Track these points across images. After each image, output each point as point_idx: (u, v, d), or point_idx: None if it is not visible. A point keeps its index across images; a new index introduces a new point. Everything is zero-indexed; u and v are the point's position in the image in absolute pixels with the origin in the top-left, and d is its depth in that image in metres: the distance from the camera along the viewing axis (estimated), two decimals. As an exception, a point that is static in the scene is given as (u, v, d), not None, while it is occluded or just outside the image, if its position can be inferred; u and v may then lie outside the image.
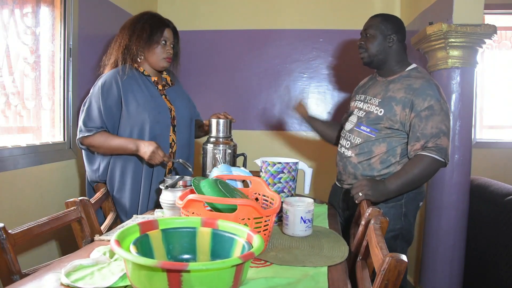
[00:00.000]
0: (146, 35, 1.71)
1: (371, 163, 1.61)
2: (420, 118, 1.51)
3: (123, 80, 1.69)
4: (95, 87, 1.70)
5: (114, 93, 1.67)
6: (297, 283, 0.94)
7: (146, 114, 1.68)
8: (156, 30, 1.73)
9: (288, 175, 1.48)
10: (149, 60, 1.76)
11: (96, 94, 1.67)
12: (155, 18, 1.77)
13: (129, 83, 1.70)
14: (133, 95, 1.69)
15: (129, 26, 1.75)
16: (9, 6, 1.67)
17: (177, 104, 1.82)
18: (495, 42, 3.04)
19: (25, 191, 1.70)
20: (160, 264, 0.70)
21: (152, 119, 1.69)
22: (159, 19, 1.77)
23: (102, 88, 1.67)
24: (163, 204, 1.42)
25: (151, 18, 1.76)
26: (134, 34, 1.72)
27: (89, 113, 1.67)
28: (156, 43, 1.73)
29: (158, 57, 1.75)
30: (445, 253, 2.06)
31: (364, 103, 1.69)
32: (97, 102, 1.66)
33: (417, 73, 1.61)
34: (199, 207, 1.09)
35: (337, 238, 1.31)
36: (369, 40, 1.64)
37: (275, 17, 2.92)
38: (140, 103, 1.69)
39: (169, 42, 1.77)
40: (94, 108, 1.67)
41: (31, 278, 0.92)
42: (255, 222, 1.07)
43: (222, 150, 1.69)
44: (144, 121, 1.68)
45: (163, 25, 1.76)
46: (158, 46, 1.74)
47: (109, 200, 1.74)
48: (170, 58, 1.78)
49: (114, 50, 1.76)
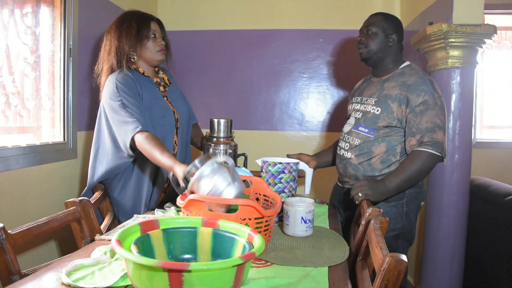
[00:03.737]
0: (134, 32, 1.69)
1: (372, 163, 1.61)
2: (415, 113, 1.52)
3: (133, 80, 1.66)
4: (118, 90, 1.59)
5: (135, 88, 1.63)
6: (297, 283, 0.94)
7: (154, 117, 1.66)
8: (143, 25, 1.71)
9: (289, 175, 1.48)
10: (144, 56, 1.73)
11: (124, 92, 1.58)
12: (138, 14, 1.75)
13: (138, 84, 1.67)
14: (142, 97, 1.67)
15: (114, 29, 1.72)
16: (9, 6, 1.67)
17: (178, 106, 1.81)
18: (495, 42, 3.04)
19: (25, 191, 1.70)
20: (161, 264, 0.70)
21: (157, 122, 1.68)
22: (142, 15, 1.75)
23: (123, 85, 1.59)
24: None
25: (134, 16, 1.74)
26: (123, 35, 1.69)
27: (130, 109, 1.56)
28: (146, 37, 1.71)
29: (152, 51, 1.73)
30: (445, 253, 2.06)
31: (360, 104, 1.70)
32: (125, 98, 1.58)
33: (411, 70, 1.62)
34: (199, 207, 1.09)
35: (337, 238, 1.31)
36: (371, 37, 1.65)
37: (275, 17, 2.92)
38: (148, 105, 1.67)
39: (158, 34, 1.75)
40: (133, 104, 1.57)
41: (31, 278, 0.92)
42: (255, 222, 1.07)
43: (223, 150, 1.69)
44: (152, 124, 1.64)
45: (148, 19, 1.74)
46: (149, 41, 1.72)
47: (107, 201, 1.73)
48: (164, 50, 1.76)
49: (105, 56, 1.71)
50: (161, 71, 1.85)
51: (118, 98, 1.59)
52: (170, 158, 1.42)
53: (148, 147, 1.47)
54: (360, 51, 1.68)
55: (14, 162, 1.63)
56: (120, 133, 1.57)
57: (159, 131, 1.67)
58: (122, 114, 1.56)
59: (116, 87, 1.61)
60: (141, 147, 1.50)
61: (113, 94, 1.60)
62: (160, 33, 1.77)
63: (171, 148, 1.75)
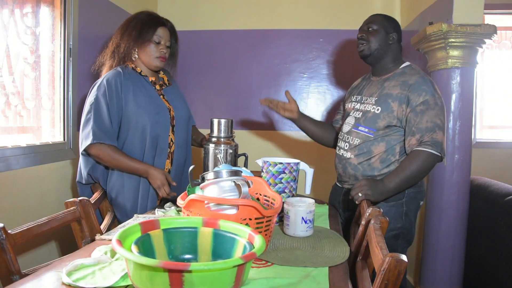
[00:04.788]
0: (136, 32, 1.69)
1: (371, 163, 1.61)
2: (416, 113, 1.52)
3: (121, 80, 1.67)
4: (99, 88, 1.64)
5: (117, 92, 1.65)
6: (298, 283, 0.94)
7: (146, 115, 1.67)
8: (148, 27, 1.69)
9: (289, 176, 1.48)
10: (142, 58, 1.73)
11: (103, 94, 1.63)
12: (150, 16, 1.74)
13: (128, 84, 1.68)
14: (132, 96, 1.68)
15: (123, 25, 1.73)
16: (9, 6, 1.66)
17: (175, 104, 1.81)
18: (495, 42, 3.04)
19: (25, 191, 1.70)
20: (162, 264, 0.70)
21: (152, 120, 1.68)
22: (153, 17, 1.74)
23: (106, 87, 1.63)
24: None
25: (145, 16, 1.73)
26: (126, 32, 1.70)
27: (99, 115, 1.62)
28: (148, 41, 1.70)
29: (151, 56, 1.72)
30: (445, 253, 2.06)
31: (360, 103, 1.70)
32: (105, 101, 1.62)
33: (411, 70, 1.63)
34: (200, 207, 1.09)
35: (338, 238, 1.31)
36: (372, 33, 1.65)
37: (275, 17, 2.92)
38: (140, 104, 1.67)
39: (164, 41, 1.73)
40: (103, 109, 1.62)
41: (31, 278, 0.92)
42: (256, 222, 1.06)
43: (224, 150, 1.69)
44: (145, 122, 1.67)
45: (157, 23, 1.72)
46: (150, 45, 1.71)
47: (107, 201, 1.73)
48: (164, 58, 1.74)
49: (108, 49, 1.74)
50: (162, 71, 1.85)
51: (94, 97, 1.63)
52: (141, 163, 1.65)
53: (113, 155, 1.61)
54: (360, 47, 1.67)
55: (14, 162, 1.63)
56: (81, 133, 1.64)
57: (153, 128, 1.69)
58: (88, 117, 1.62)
59: (100, 85, 1.65)
60: (101, 155, 1.61)
61: (94, 91, 1.65)
62: (167, 40, 1.75)
63: (166, 146, 1.74)
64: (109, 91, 1.63)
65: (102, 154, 1.61)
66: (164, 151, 1.73)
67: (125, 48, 1.70)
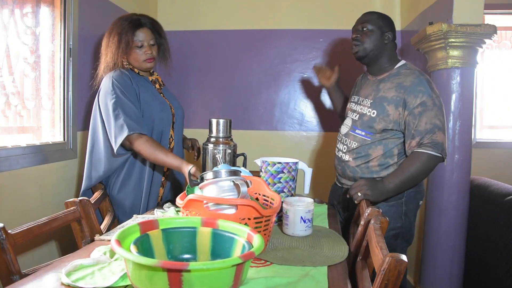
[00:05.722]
0: (116, 44, 1.67)
1: (370, 166, 1.61)
2: (414, 115, 1.51)
3: (129, 76, 1.68)
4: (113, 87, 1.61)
5: (131, 87, 1.66)
6: (297, 282, 0.94)
7: (153, 111, 1.71)
8: (126, 35, 1.66)
9: (288, 175, 1.48)
10: (133, 64, 1.75)
11: (121, 91, 1.60)
12: (125, 22, 1.69)
13: (134, 81, 1.70)
14: (140, 92, 1.70)
15: (104, 39, 1.73)
16: (9, 6, 1.67)
17: (173, 103, 1.86)
18: (495, 42, 3.04)
19: (25, 191, 1.70)
20: (161, 263, 0.70)
21: (157, 116, 1.72)
22: (129, 22, 1.69)
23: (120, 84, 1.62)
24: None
25: (120, 24, 1.69)
26: (108, 48, 1.70)
27: (127, 108, 1.58)
28: (130, 48, 1.69)
29: (139, 60, 1.73)
30: (445, 253, 2.06)
31: (357, 104, 1.70)
32: (125, 97, 1.60)
33: (407, 69, 1.61)
34: (199, 207, 1.09)
35: (337, 238, 1.31)
36: (366, 34, 1.63)
37: (275, 17, 2.92)
38: (147, 100, 1.70)
39: (147, 42, 1.71)
40: (127, 103, 1.59)
41: (31, 278, 0.92)
42: (255, 222, 1.07)
43: (222, 150, 1.69)
44: (152, 118, 1.70)
45: (134, 27, 1.69)
46: (134, 50, 1.70)
47: (107, 200, 1.73)
48: (151, 59, 1.74)
49: (101, 63, 1.75)
50: (155, 72, 1.87)
51: (113, 95, 1.61)
52: (176, 158, 1.56)
53: (151, 150, 1.56)
54: (355, 49, 1.66)
55: (14, 162, 1.64)
56: (111, 131, 1.60)
57: (158, 124, 1.73)
58: (116, 113, 1.59)
59: (112, 85, 1.63)
60: (142, 150, 1.58)
61: (109, 92, 1.62)
62: (149, 39, 1.72)
63: (167, 141, 1.78)
64: (124, 87, 1.63)
65: (142, 147, 1.57)
66: (165, 146, 1.75)
67: (114, 60, 1.70)
